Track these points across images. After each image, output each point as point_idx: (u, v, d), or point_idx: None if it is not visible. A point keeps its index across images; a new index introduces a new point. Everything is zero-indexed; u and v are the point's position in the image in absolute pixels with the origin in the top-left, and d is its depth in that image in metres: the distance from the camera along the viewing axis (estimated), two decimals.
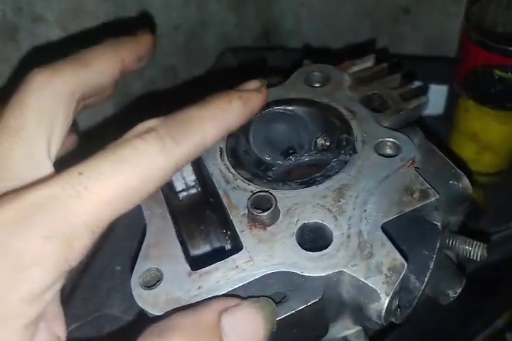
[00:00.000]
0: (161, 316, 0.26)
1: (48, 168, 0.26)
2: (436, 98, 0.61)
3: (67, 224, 0.22)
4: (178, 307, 0.26)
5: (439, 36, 0.83)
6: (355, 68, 0.40)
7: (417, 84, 0.59)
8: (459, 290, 0.33)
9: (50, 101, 0.27)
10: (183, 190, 0.36)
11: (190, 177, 0.36)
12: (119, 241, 0.51)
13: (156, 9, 0.73)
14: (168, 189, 0.35)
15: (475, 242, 0.33)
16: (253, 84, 0.31)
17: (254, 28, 0.87)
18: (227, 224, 0.32)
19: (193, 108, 0.27)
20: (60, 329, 0.26)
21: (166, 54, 0.76)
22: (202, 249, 0.34)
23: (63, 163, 0.26)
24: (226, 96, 0.29)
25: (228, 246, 0.33)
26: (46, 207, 0.22)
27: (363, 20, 0.88)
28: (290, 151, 0.37)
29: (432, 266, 0.32)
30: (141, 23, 0.71)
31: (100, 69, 0.30)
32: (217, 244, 0.34)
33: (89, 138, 0.36)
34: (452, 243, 0.33)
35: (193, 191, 0.36)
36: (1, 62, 0.60)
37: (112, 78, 0.31)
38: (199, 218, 0.35)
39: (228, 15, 0.82)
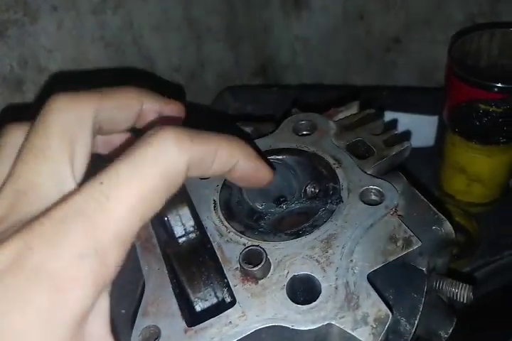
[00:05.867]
0: None
1: (73, 186, 0.26)
2: (426, 129, 0.62)
3: (98, 240, 0.22)
4: None
5: (430, 65, 0.85)
6: (341, 115, 0.42)
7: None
8: (449, 330, 0.34)
9: (73, 122, 0.27)
10: (182, 236, 0.37)
11: (190, 223, 0.37)
12: (125, 285, 0.53)
13: (156, 53, 0.76)
14: (166, 236, 0.37)
15: (461, 284, 0.34)
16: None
17: (252, 64, 0.90)
18: (222, 274, 0.33)
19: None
20: None
21: (168, 95, 0.79)
22: (203, 292, 0.35)
23: None
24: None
25: (226, 294, 0.35)
26: (75, 225, 0.22)
27: (356, 51, 0.90)
28: (281, 199, 0.39)
29: (421, 309, 0.33)
30: (143, 68, 0.74)
31: (121, 103, 0.30)
32: (217, 287, 0.35)
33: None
34: (439, 285, 0.34)
35: (193, 236, 0.38)
36: (8, 111, 0.63)
37: (130, 116, 0.31)
38: (199, 261, 0.36)
39: (226, 55, 0.85)
